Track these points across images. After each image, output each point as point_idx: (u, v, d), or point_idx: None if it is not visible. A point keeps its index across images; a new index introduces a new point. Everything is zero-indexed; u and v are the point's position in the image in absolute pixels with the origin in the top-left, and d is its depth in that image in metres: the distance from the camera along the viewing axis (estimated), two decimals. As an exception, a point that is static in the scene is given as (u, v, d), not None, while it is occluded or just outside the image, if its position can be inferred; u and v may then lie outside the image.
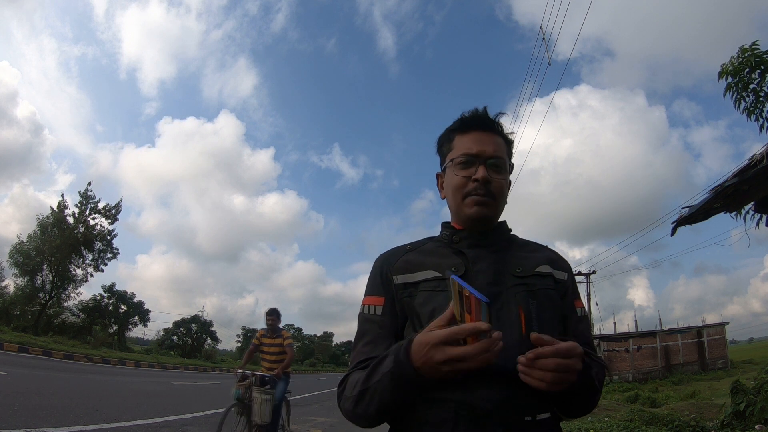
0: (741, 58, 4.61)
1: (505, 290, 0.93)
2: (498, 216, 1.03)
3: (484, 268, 0.95)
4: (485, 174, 0.97)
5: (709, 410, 8.48)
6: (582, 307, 1.04)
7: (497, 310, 0.89)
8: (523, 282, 0.95)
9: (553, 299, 0.97)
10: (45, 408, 5.43)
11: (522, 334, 0.86)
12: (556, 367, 0.76)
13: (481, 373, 0.80)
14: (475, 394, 0.83)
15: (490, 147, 1.00)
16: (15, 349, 15.49)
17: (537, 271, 0.98)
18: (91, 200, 28.66)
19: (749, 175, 3.87)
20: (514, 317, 0.89)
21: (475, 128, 1.02)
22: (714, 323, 29.93)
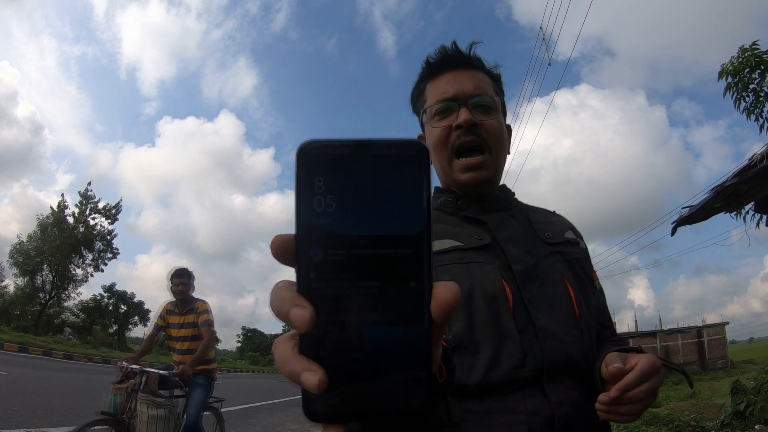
0: (741, 58, 4.61)
1: (541, 260, 0.76)
2: (500, 171, 0.84)
3: (512, 236, 0.77)
4: (469, 116, 0.77)
5: (709, 410, 8.48)
6: (598, 280, 0.88)
7: (537, 286, 0.73)
8: (558, 250, 0.79)
9: (587, 271, 0.82)
10: (45, 408, 5.43)
11: (576, 317, 0.72)
12: (646, 394, 0.61)
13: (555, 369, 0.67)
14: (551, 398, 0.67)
15: (469, 84, 0.80)
16: (15, 349, 15.49)
17: (566, 238, 0.83)
18: (91, 200, 28.69)
19: (749, 175, 3.87)
20: (562, 293, 0.74)
21: (448, 68, 0.83)
22: (714, 323, 29.92)
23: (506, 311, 0.70)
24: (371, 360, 0.27)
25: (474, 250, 0.75)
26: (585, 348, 0.72)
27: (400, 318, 0.28)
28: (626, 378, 0.60)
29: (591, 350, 0.73)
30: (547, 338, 0.69)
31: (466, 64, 0.83)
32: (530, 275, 0.73)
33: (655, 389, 0.61)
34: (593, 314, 0.78)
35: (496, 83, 0.86)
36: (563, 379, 0.68)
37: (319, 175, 0.28)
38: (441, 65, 0.84)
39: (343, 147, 0.28)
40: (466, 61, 0.84)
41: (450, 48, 0.84)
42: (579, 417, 0.67)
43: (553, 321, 0.70)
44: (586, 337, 0.72)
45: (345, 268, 0.27)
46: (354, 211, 0.28)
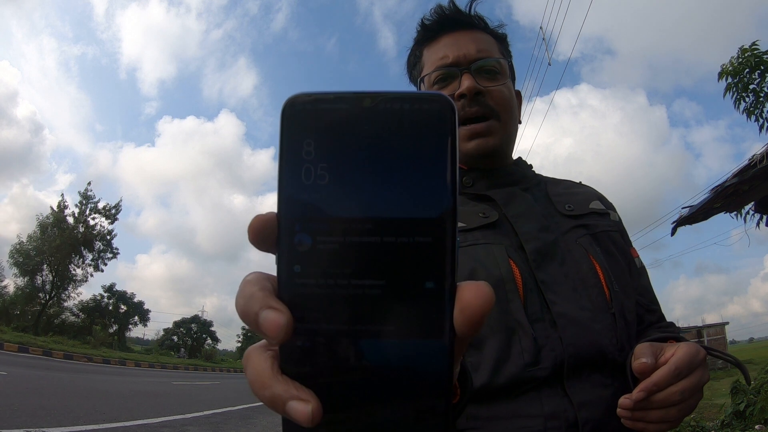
0: (741, 59, 4.61)
1: (561, 237, 0.65)
2: (510, 141, 0.74)
3: (524, 211, 0.66)
4: (472, 83, 0.67)
5: (709, 410, 8.48)
6: (638, 257, 0.75)
7: (556, 267, 0.62)
8: (581, 223, 0.68)
9: (619, 245, 0.70)
10: (45, 408, 5.43)
11: (607, 299, 0.61)
12: (683, 395, 0.49)
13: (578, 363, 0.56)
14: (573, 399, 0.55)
15: (471, 47, 0.71)
16: (15, 349, 15.49)
17: (592, 208, 0.71)
18: (90, 200, 28.72)
19: (749, 175, 3.87)
20: (586, 272, 0.62)
21: (446, 30, 0.74)
22: (714, 323, 29.91)
23: (515, 298, 0.58)
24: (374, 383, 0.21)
25: (479, 230, 0.65)
26: (619, 336, 0.59)
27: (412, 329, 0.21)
28: (655, 375, 0.48)
29: (627, 339, 0.61)
30: (567, 326, 0.57)
31: (467, 25, 0.74)
32: (547, 254, 0.62)
33: (695, 388, 0.49)
34: (630, 295, 0.66)
35: (501, 44, 0.77)
36: (591, 375, 0.56)
37: (308, 137, 0.21)
38: (438, 27, 0.75)
39: (340, 101, 0.22)
40: (467, 21, 0.74)
41: (448, 7, 0.75)
42: (612, 420, 0.53)
43: (576, 305, 0.59)
44: (620, 323, 0.60)
45: (339, 259, 0.21)
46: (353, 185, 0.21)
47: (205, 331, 45.41)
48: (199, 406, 7.72)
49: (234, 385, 15.71)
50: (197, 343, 44.31)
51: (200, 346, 44.09)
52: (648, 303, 0.72)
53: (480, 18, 0.75)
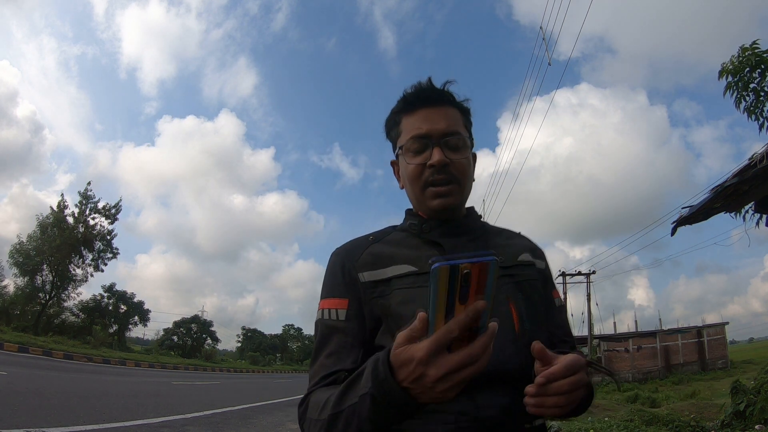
0: (741, 58, 4.61)
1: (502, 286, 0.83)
2: (465, 200, 0.91)
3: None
4: (441, 157, 0.84)
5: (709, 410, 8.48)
6: (559, 297, 0.98)
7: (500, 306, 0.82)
8: (508, 273, 0.85)
9: (539, 291, 0.89)
10: (45, 408, 5.43)
11: (516, 332, 0.79)
12: (570, 387, 0.65)
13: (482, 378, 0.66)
14: (478, 402, 0.73)
15: (441, 123, 0.86)
16: (15, 349, 15.50)
17: (520, 260, 0.89)
18: (90, 200, 28.71)
19: (749, 175, 3.88)
20: (504, 313, 0.80)
21: (422, 105, 0.89)
22: (714, 323, 29.93)
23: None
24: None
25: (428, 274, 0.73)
26: (522, 360, 0.76)
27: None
28: (552, 368, 0.66)
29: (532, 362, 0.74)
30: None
31: (439, 101, 0.89)
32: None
33: (579, 383, 0.66)
34: (542, 330, 0.85)
35: (465, 117, 0.92)
36: (495, 386, 0.74)
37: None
38: (416, 101, 0.89)
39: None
40: (439, 98, 0.89)
41: (425, 84, 0.90)
42: (508, 420, 0.73)
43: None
44: (525, 351, 0.74)
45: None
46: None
47: (205, 331, 45.42)
48: (199, 406, 7.72)
49: (234, 385, 15.71)
50: (197, 343, 44.32)
51: (200, 346, 44.10)
52: (563, 335, 0.94)
53: (450, 95, 0.90)
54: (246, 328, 60.14)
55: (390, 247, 0.88)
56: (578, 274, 22.03)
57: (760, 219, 4.85)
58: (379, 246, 0.89)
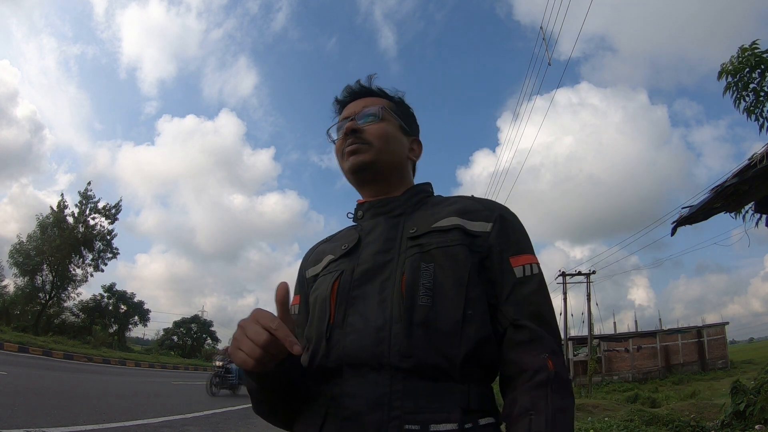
0: (741, 58, 4.61)
1: (397, 257, 0.77)
2: (385, 162, 0.88)
3: (376, 237, 0.82)
4: (351, 124, 0.88)
5: (709, 410, 8.48)
6: (528, 264, 0.76)
7: (382, 281, 0.75)
8: (417, 243, 0.77)
9: (457, 257, 0.74)
10: (45, 408, 5.43)
11: (401, 308, 0.70)
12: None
13: (354, 361, 0.70)
14: (344, 389, 0.70)
15: (359, 105, 0.92)
16: (15, 349, 15.50)
17: (436, 227, 0.78)
18: (90, 200, 28.71)
19: (749, 175, 3.87)
20: (390, 290, 0.73)
21: (347, 102, 0.96)
22: (714, 323, 29.92)
23: (325, 313, 0.77)
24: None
25: (339, 258, 0.84)
26: (412, 345, 0.68)
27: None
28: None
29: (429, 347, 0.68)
30: (350, 334, 0.72)
31: (362, 94, 0.95)
32: (371, 274, 0.77)
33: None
34: (455, 305, 0.71)
35: (397, 105, 0.95)
36: (368, 374, 0.69)
37: None
38: (345, 100, 0.96)
39: None
40: (363, 92, 0.95)
41: (354, 85, 0.96)
42: (376, 413, 0.66)
43: (365, 318, 0.72)
44: (417, 332, 0.69)
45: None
46: None
47: (205, 331, 45.40)
48: (199, 406, 7.72)
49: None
50: (197, 343, 44.30)
51: (200, 346, 44.09)
52: (515, 317, 0.73)
53: (375, 88, 0.95)
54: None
55: (331, 242, 0.93)
56: (578, 274, 22.01)
57: (760, 219, 4.84)
58: (325, 243, 0.95)
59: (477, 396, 0.70)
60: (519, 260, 0.76)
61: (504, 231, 0.79)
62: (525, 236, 0.81)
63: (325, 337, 0.75)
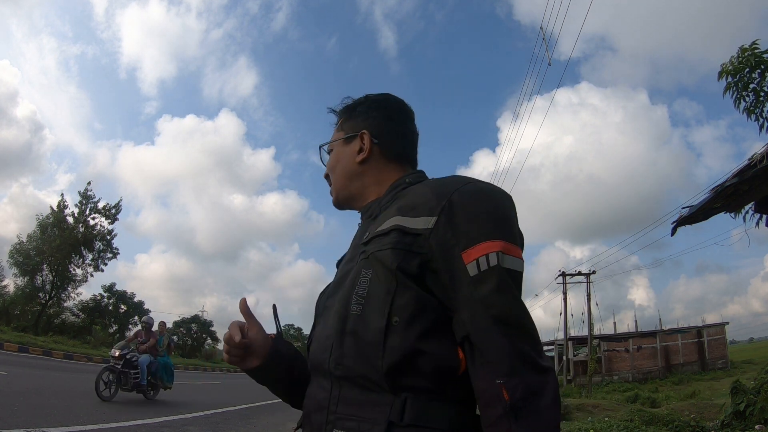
0: (741, 58, 4.61)
1: (355, 265, 0.75)
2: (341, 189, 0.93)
3: (352, 245, 0.86)
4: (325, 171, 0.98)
5: (709, 410, 8.47)
6: (483, 256, 0.63)
7: (335, 295, 0.78)
8: (363, 250, 0.75)
9: (385, 263, 0.68)
10: (45, 408, 5.43)
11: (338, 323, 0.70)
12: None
13: (314, 368, 0.78)
14: (309, 390, 0.79)
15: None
16: (15, 349, 15.49)
17: (378, 230, 0.73)
18: (90, 200, 28.68)
19: (749, 175, 3.88)
20: (339, 299, 0.74)
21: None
22: (714, 323, 29.91)
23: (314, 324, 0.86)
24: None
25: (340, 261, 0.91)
26: (344, 353, 0.68)
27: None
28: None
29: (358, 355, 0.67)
30: (312, 343, 0.82)
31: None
32: (339, 284, 0.78)
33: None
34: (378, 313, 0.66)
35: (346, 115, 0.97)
36: (320, 379, 0.75)
37: None
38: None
39: None
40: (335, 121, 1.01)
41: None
42: (319, 414, 0.72)
43: (324, 327, 0.77)
44: (348, 341, 0.68)
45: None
46: None
47: (205, 331, 45.41)
48: (199, 406, 7.72)
49: (234, 385, 15.71)
50: (197, 343, 44.31)
51: (200, 346, 44.09)
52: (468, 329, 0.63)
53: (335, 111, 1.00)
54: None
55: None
56: (578, 274, 22.02)
57: (760, 219, 4.84)
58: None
59: (415, 409, 0.63)
60: (471, 253, 0.63)
61: (451, 222, 0.66)
62: (484, 218, 0.66)
63: (307, 345, 0.86)
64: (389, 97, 0.96)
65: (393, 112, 0.93)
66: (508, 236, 0.66)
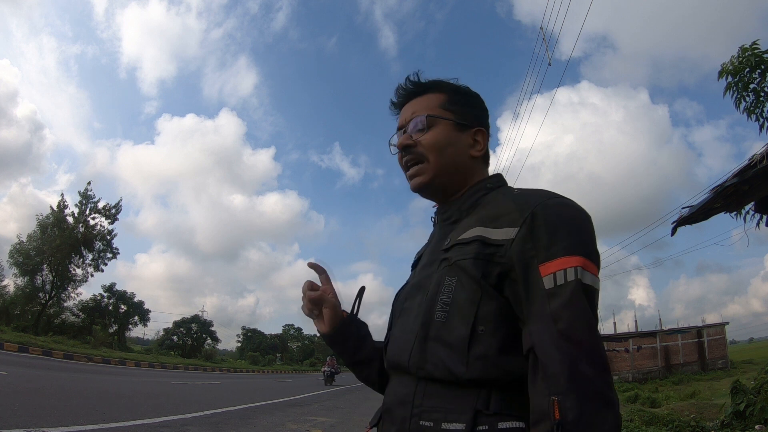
0: (741, 58, 4.60)
1: (435, 271, 0.78)
2: (444, 175, 0.85)
3: (430, 249, 0.87)
4: (401, 139, 0.88)
5: (709, 410, 8.47)
6: (561, 270, 0.63)
7: (416, 298, 0.81)
8: (445, 257, 0.77)
9: (469, 272, 0.70)
10: (45, 408, 5.42)
11: (419, 324, 0.75)
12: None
13: (392, 367, 0.82)
14: (389, 387, 0.83)
15: (408, 113, 0.90)
16: (15, 349, 15.50)
17: (460, 239, 0.76)
18: (90, 200, 28.70)
19: (749, 175, 3.87)
20: (416, 304, 0.79)
21: (401, 104, 0.94)
22: (714, 323, 29.90)
23: (389, 324, 0.90)
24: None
25: (412, 270, 0.94)
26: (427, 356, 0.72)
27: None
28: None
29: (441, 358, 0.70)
30: (390, 344, 0.84)
31: (413, 95, 0.92)
32: (418, 288, 0.81)
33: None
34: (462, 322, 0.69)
35: (449, 97, 0.89)
36: (401, 377, 0.79)
37: None
38: (396, 103, 0.95)
39: None
40: (411, 93, 0.92)
41: (403, 84, 0.93)
42: (400, 409, 0.75)
43: (402, 329, 0.81)
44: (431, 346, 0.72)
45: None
46: None
47: (205, 331, 45.41)
48: (199, 406, 7.71)
49: (234, 385, 15.71)
50: (197, 343, 44.30)
51: (200, 346, 44.09)
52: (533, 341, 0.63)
53: (420, 85, 0.91)
54: (246, 328, 60.21)
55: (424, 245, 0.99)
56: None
57: (761, 219, 4.84)
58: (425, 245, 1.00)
59: (502, 399, 0.66)
60: (549, 267, 0.64)
61: (532, 234, 0.67)
62: (565, 233, 0.66)
63: (384, 345, 0.89)
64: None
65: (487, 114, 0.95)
66: (587, 253, 0.66)
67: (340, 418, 7.68)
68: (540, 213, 0.68)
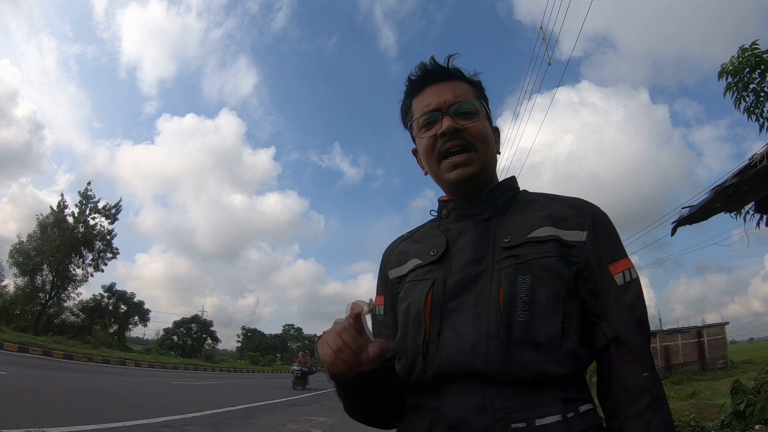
0: (741, 58, 4.60)
1: (491, 267, 0.75)
2: (488, 169, 0.84)
3: (466, 244, 0.80)
4: (451, 123, 0.81)
5: (709, 410, 8.47)
6: (627, 269, 0.75)
7: (476, 294, 0.74)
8: (513, 254, 0.75)
9: (554, 270, 0.72)
10: (45, 408, 5.42)
11: (498, 326, 0.70)
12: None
13: (450, 375, 0.72)
14: (444, 400, 0.72)
15: (449, 94, 0.83)
16: (15, 349, 15.50)
17: (531, 237, 0.76)
18: (90, 200, 28.70)
19: (749, 175, 3.87)
20: (486, 303, 0.72)
21: (428, 83, 0.86)
22: (714, 323, 29.89)
23: (420, 325, 0.77)
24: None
25: (428, 265, 0.82)
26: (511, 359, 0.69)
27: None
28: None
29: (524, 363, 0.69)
30: (446, 348, 0.73)
31: (445, 77, 0.86)
32: (465, 286, 0.76)
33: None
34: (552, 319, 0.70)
35: (477, 90, 0.88)
36: (467, 383, 0.71)
37: None
38: (422, 81, 0.87)
39: None
40: (445, 74, 0.86)
41: (429, 63, 0.87)
42: (479, 418, 0.68)
43: (459, 333, 0.73)
44: (516, 348, 0.69)
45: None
46: None
47: (205, 331, 45.42)
48: (199, 406, 7.71)
49: (234, 385, 15.71)
50: (197, 343, 44.31)
51: (200, 346, 44.10)
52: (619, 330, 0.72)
53: (456, 69, 0.87)
54: (246, 328, 60.21)
55: (413, 243, 0.90)
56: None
57: (761, 219, 4.84)
58: (406, 243, 0.92)
59: (575, 387, 0.72)
60: (617, 267, 0.75)
61: (599, 238, 0.77)
62: (618, 239, 0.79)
63: (421, 352, 0.76)
64: None
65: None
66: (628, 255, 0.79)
67: (340, 418, 7.68)
68: (598, 220, 0.78)
